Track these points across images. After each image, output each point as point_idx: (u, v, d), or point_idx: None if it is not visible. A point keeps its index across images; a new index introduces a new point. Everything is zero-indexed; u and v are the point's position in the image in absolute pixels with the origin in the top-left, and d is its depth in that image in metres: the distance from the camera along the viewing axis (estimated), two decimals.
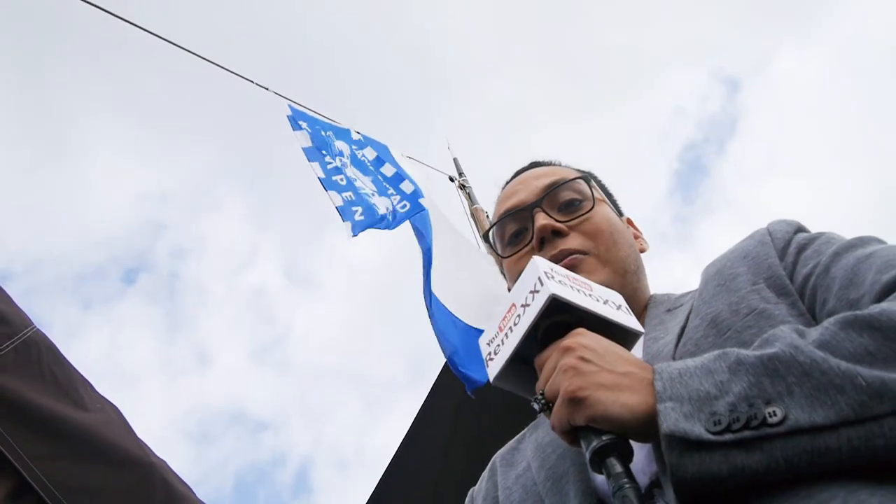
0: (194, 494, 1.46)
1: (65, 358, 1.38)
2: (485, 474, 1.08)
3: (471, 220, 5.07)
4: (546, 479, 0.90)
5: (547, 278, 0.81)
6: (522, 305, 0.82)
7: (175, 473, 1.44)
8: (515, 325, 0.82)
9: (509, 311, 0.84)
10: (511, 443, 1.08)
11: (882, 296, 0.71)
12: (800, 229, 0.92)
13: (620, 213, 1.21)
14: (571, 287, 0.82)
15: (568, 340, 0.75)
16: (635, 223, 1.22)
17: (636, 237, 1.17)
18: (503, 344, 0.83)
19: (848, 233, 0.87)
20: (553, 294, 0.78)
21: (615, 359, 0.73)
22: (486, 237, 1.21)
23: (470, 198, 5.26)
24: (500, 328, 0.85)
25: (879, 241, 0.82)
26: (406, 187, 4.12)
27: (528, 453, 0.99)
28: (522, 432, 1.08)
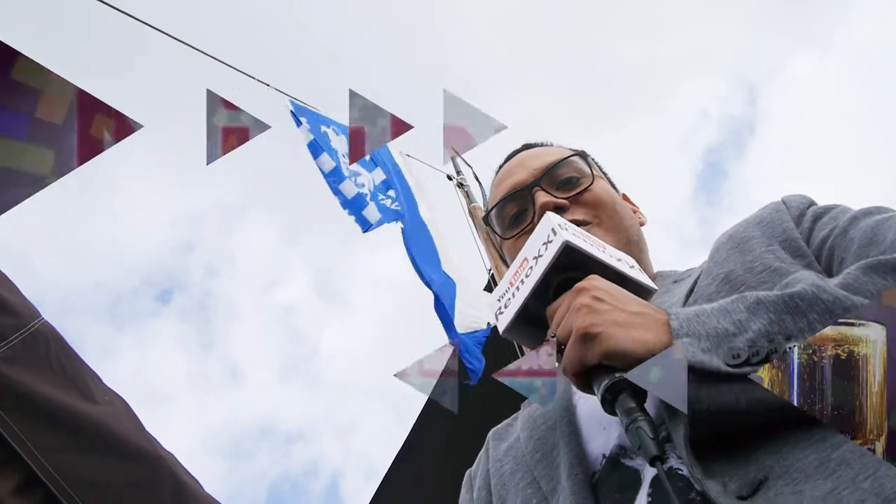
0: (203, 488, 1.45)
1: (73, 350, 1.37)
2: (481, 454, 1.07)
3: (469, 218, 5.05)
4: (534, 451, 0.89)
5: (560, 229, 0.81)
6: (535, 257, 0.82)
7: (183, 467, 1.43)
8: (527, 276, 0.81)
9: (521, 265, 0.84)
10: (507, 420, 1.08)
11: None
12: (813, 203, 0.93)
13: (616, 189, 1.20)
14: (585, 241, 0.82)
15: (581, 283, 0.75)
16: (631, 199, 1.22)
17: (634, 211, 1.17)
18: (514, 296, 0.82)
19: None
20: (566, 241, 0.78)
21: (629, 301, 0.73)
22: (485, 220, 1.19)
23: (468, 196, 5.24)
24: (511, 282, 0.84)
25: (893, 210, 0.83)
26: (391, 194, 4.11)
27: (518, 426, 0.98)
28: (518, 412, 1.07)
